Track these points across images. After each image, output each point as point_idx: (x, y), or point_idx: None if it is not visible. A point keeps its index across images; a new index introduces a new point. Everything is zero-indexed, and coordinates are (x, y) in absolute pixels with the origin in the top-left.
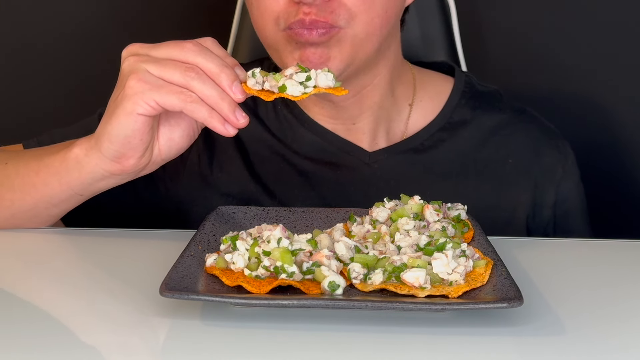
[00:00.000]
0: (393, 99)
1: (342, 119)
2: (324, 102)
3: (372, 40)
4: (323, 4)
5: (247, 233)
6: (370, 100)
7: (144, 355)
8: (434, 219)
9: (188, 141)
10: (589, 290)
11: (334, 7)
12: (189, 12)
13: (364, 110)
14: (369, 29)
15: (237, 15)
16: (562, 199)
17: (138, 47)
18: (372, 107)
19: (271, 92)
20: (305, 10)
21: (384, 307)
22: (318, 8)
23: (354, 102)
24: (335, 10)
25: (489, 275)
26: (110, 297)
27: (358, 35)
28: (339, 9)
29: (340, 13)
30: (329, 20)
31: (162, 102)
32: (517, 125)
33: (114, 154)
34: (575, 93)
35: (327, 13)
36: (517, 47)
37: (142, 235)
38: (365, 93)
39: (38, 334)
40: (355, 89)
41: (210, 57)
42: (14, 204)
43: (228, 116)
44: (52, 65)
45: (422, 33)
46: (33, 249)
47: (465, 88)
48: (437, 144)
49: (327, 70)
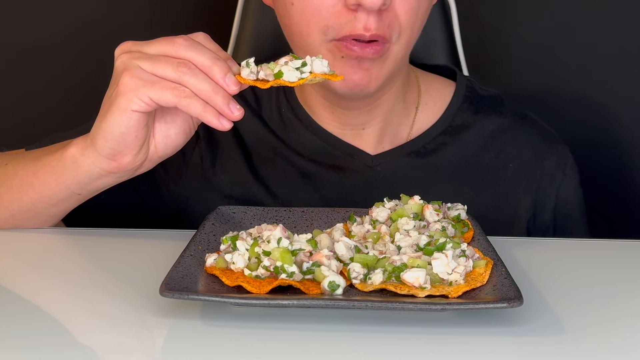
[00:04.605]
0: (403, 104)
1: (352, 125)
2: (335, 108)
3: (406, 57)
4: (381, 14)
5: (247, 233)
6: (383, 108)
7: (143, 355)
8: (434, 219)
9: (184, 138)
10: (589, 290)
11: (390, 19)
12: (190, 13)
13: (374, 117)
14: (409, 44)
15: (238, 16)
16: (562, 203)
17: (130, 45)
18: (383, 114)
19: (266, 81)
20: (366, 25)
21: (384, 307)
22: (376, 20)
23: (366, 111)
24: (390, 23)
25: (488, 275)
26: (110, 297)
27: (400, 51)
28: (394, 22)
29: (394, 27)
30: (387, 34)
31: (156, 98)
32: (519, 129)
33: (110, 151)
34: (575, 94)
35: (385, 27)
36: (517, 49)
37: (142, 235)
38: (379, 102)
39: (38, 334)
40: (373, 100)
41: (201, 51)
42: (13, 203)
43: (222, 109)
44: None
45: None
46: (33, 249)
47: (467, 92)
48: (439, 147)
49: (322, 57)
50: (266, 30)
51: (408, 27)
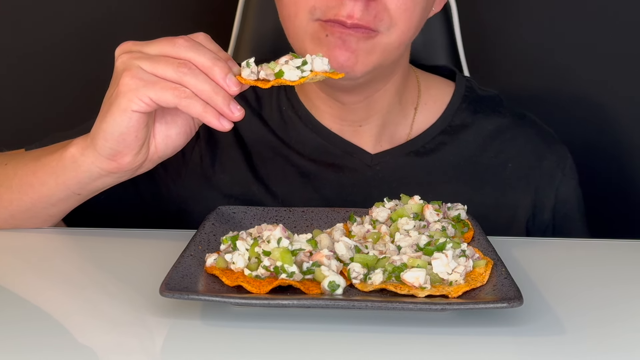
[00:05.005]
0: (400, 104)
1: (349, 121)
2: (333, 102)
3: (399, 49)
4: (369, 4)
5: (247, 233)
6: (380, 104)
7: (143, 355)
8: (434, 219)
9: (185, 138)
10: (589, 290)
11: (378, 10)
12: (191, 13)
13: (372, 114)
14: (402, 39)
15: (239, 17)
16: (561, 203)
17: (131, 45)
18: (381, 111)
19: (267, 81)
20: (350, 12)
21: (384, 307)
22: (362, 9)
23: (363, 106)
24: (378, 14)
25: (488, 275)
26: (110, 297)
27: (392, 43)
28: (382, 13)
29: (383, 18)
30: (371, 25)
31: (156, 99)
32: (517, 129)
33: (109, 151)
34: (575, 94)
35: (371, 17)
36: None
37: (142, 235)
38: (376, 97)
39: (38, 334)
40: (368, 93)
41: (202, 52)
42: (12, 203)
43: (222, 109)
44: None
45: (425, 36)
46: (33, 249)
47: (466, 92)
48: (439, 147)
49: (321, 55)
50: (267, 30)
51: (400, 21)
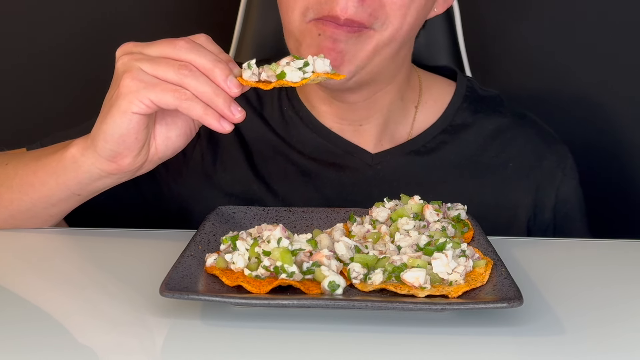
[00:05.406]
0: (402, 103)
1: (350, 120)
2: (333, 101)
3: (392, 47)
4: (364, 1)
5: (247, 233)
6: (380, 103)
7: (143, 355)
8: (434, 219)
9: (185, 140)
10: (589, 290)
11: (374, 7)
12: (192, 14)
13: (372, 113)
14: (395, 36)
15: (240, 18)
16: (561, 202)
17: (132, 46)
18: (382, 110)
19: (269, 82)
20: (343, 7)
21: (384, 307)
22: (356, 5)
23: (364, 105)
24: (374, 12)
25: (488, 275)
26: (110, 297)
27: (383, 40)
28: (379, 11)
29: (379, 16)
30: (365, 22)
31: (157, 101)
32: (518, 129)
33: (110, 153)
34: (575, 94)
35: (365, 14)
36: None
37: (142, 235)
38: (377, 97)
39: (38, 334)
40: (369, 92)
41: (203, 54)
42: (13, 203)
43: (223, 111)
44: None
45: (427, 36)
46: (33, 249)
47: (467, 92)
48: (439, 146)
49: (323, 56)
50: (269, 31)
51: (395, 19)
